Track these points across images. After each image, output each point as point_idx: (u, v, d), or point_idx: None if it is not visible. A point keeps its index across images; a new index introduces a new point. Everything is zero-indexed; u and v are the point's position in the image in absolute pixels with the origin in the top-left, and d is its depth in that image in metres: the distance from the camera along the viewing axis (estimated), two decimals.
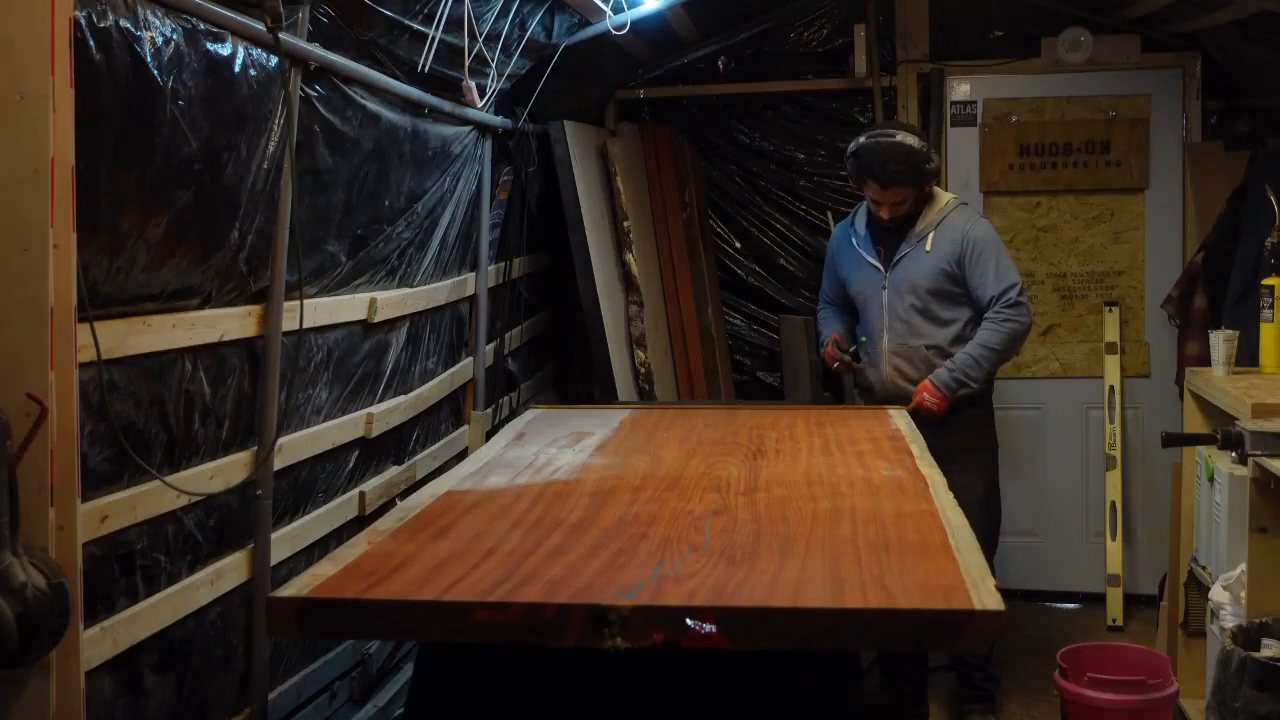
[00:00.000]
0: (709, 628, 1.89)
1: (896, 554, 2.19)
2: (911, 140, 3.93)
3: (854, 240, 4.15)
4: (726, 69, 5.57)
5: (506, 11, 3.54)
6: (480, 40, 3.40)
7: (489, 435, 4.02)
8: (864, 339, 4.17)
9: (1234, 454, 3.05)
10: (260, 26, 2.35)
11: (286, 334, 2.73)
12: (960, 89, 5.36)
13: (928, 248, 3.97)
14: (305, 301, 2.72)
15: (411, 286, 3.59)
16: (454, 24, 3.21)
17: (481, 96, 3.67)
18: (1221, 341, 3.79)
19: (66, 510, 1.89)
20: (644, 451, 3.20)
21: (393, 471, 3.54)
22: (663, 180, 5.31)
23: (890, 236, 4.06)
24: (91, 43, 1.92)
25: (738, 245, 5.71)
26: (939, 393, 3.91)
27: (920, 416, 3.79)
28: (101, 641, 2.16)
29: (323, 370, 3.05)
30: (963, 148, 5.35)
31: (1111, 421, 5.26)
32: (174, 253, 2.28)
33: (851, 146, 4.03)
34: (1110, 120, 5.27)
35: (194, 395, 2.44)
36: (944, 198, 4.09)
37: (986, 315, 3.94)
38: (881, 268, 4.05)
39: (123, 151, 2.06)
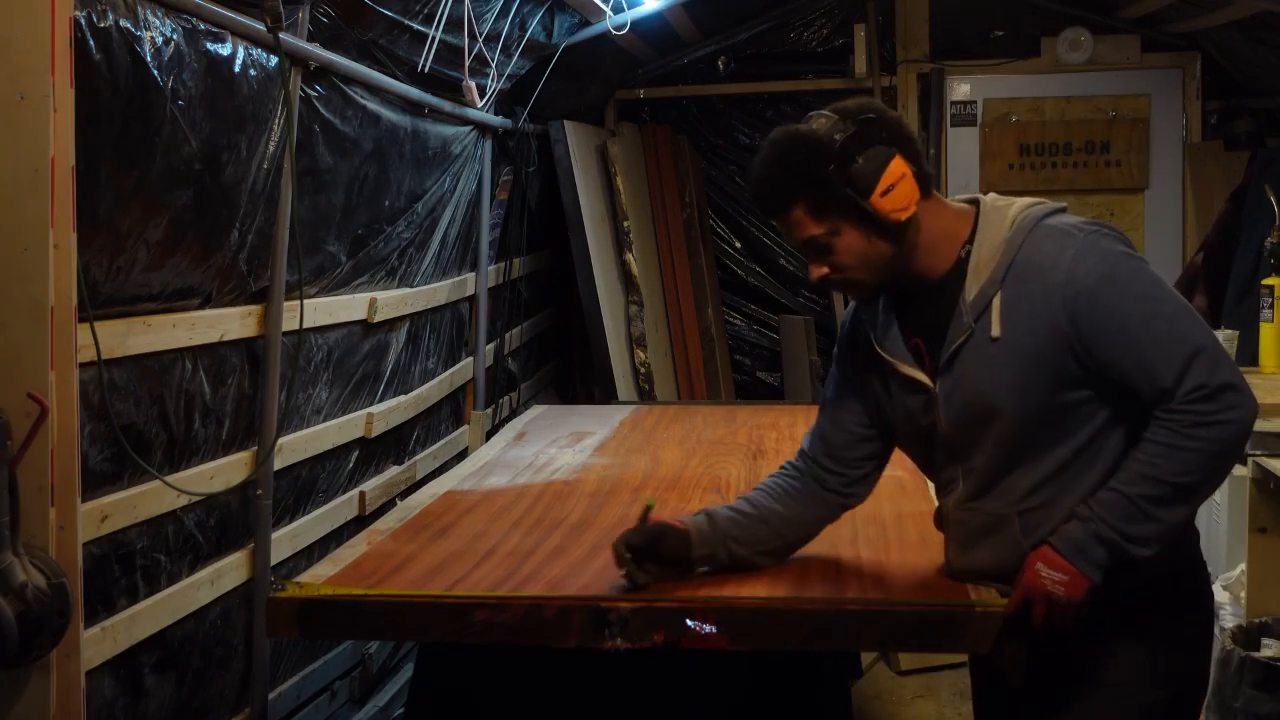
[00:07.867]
0: (709, 628, 1.89)
1: (897, 554, 2.20)
2: (821, 123, 1.85)
3: (871, 334, 1.99)
4: (726, 69, 5.58)
5: (506, 11, 3.54)
6: (480, 40, 3.40)
7: (489, 435, 4.02)
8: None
9: None
10: (260, 26, 2.35)
11: (286, 334, 2.73)
12: (960, 89, 5.35)
13: (994, 330, 1.87)
14: (305, 301, 2.72)
15: (411, 286, 3.59)
16: (454, 24, 3.21)
17: (481, 96, 3.67)
18: (1221, 341, 3.78)
19: (67, 510, 1.89)
20: (644, 451, 3.20)
21: (393, 471, 3.54)
22: (663, 180, 5.31)
23: (926, 315, 1.94)
24: (91, 43, 1.92)
25: (738, 245, 5.71)
26: (1070, 565, 1.81)
27: (1041, 624, 1.83)
28: (102, 641, 2.16)
29: (323, 370, 3.05)
30: (963, 148, 5.35)
31: None
32: (174, 253, 2.28)
33: None
34: (1110, 120, 5.27)
35: (194, 395, 2.44)
36: (1002, 218, 1.93)
37: (1157, 415, 1.83)
38: (927, 380, 1.93)
39: (123, 151, 2.06)
